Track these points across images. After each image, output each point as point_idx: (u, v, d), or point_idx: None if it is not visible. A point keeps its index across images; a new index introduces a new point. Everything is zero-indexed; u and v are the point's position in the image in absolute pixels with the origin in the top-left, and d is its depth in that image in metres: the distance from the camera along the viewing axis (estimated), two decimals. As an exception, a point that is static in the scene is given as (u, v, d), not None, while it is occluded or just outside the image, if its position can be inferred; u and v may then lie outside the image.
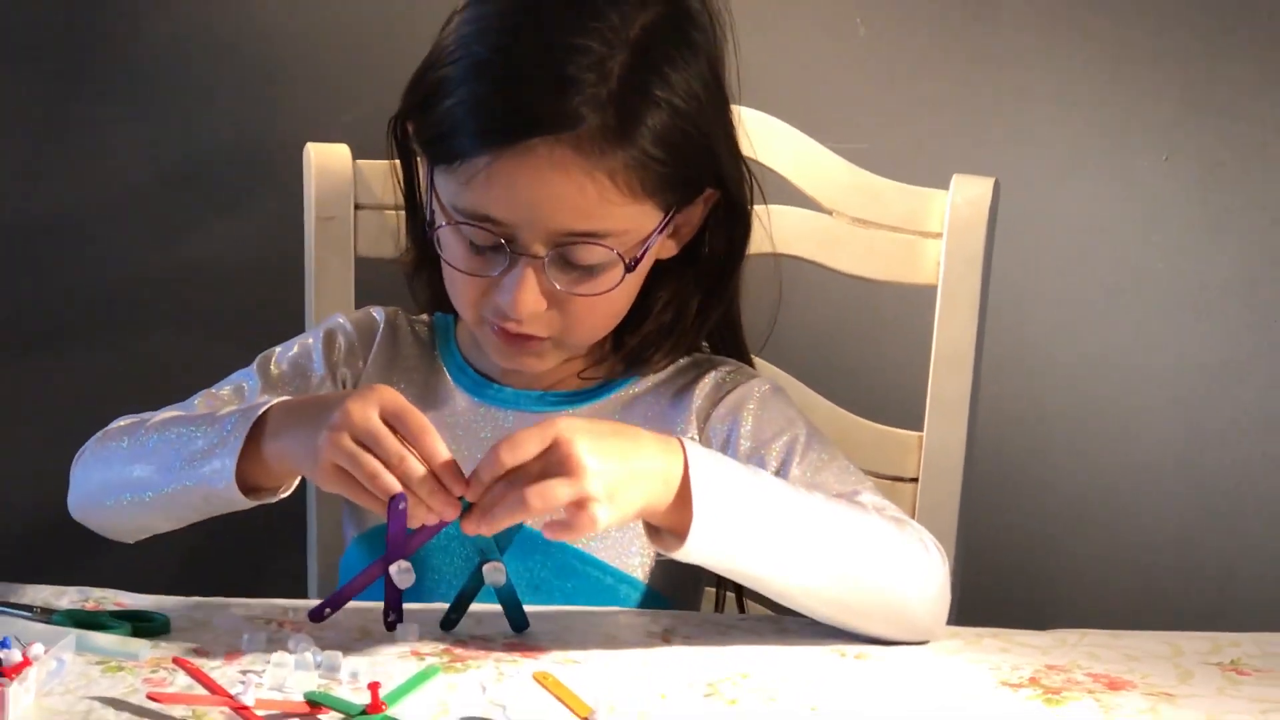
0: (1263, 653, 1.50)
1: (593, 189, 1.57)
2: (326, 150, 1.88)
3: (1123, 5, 2.17)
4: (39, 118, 2.24)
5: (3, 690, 1.30)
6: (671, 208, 1.64)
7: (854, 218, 1.86)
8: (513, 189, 1.57)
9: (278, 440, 1.51)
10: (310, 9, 2.19)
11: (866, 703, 1.39)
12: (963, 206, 1.83)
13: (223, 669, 1.40)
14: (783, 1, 2.17)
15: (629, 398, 1.71)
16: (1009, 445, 2.19)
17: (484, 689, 1.38)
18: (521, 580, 1.62)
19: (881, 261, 1.86)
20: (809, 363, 1.92)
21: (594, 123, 1.55)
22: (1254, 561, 2.25)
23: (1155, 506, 2.25)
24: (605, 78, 1.56)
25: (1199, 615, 2.04)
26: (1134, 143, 2.20)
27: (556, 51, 1.57)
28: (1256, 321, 2.22)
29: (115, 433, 1.65)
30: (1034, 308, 2.20)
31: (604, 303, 1.63)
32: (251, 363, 1.75)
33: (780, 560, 1.49)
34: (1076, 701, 1.39)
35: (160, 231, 2.25)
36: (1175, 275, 2.22)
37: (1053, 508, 2.25)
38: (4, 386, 2.28)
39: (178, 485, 1.55)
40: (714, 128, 1.65)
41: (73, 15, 2.22)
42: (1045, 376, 2.23)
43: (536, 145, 1.55)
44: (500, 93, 1.58)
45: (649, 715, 1.34)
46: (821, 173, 1.87)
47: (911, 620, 1.52)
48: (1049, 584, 2.24)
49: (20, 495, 2.27)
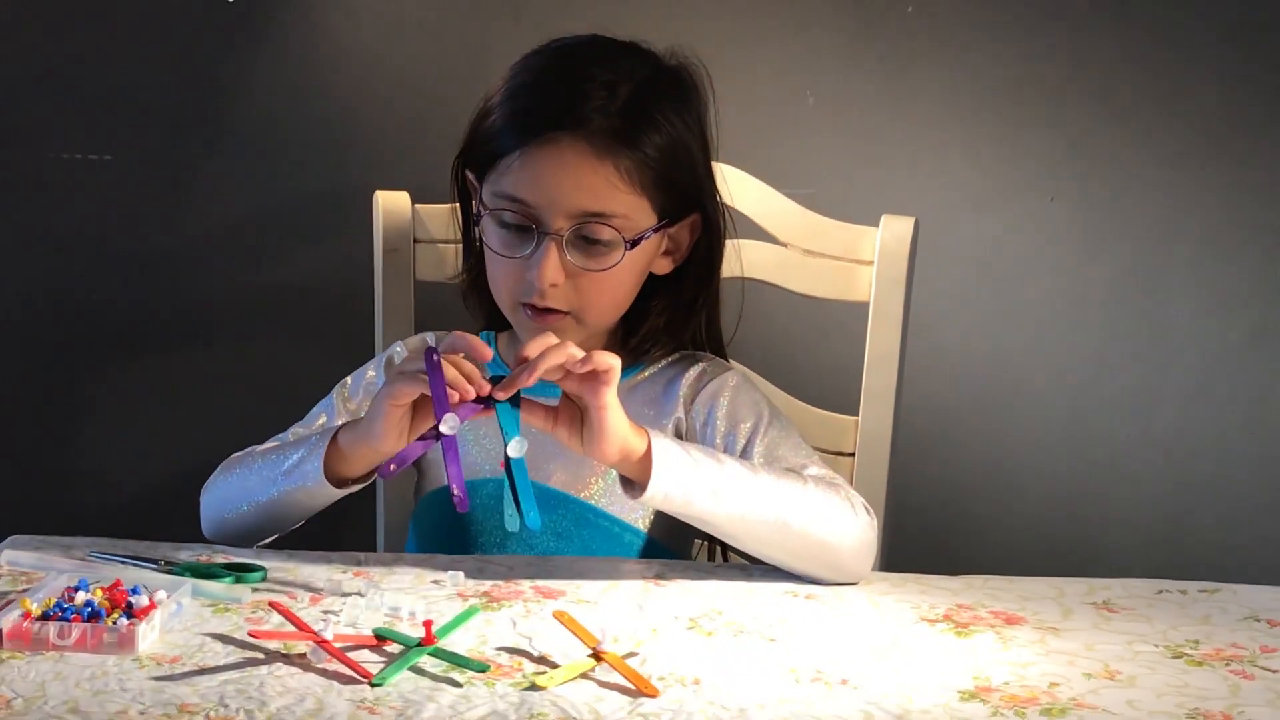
0: (1128, 594, 1.49)
1: (601, 176, 1.58)
2: (391, 196, 1.88)
3: (1015, 75, 2.16)
4: (162, 166, 2.23)
5: (134, 628, 1.30)
6: (664, 215, 1.64)
7: (804, 249, 1.86)
8: (538, 174, 1.59)
9: (349, 433, 1.53)
10: (378, 82, 2.18)
11: (814, 634, 1.39)
12: (889, 240, 1.83)
13: (308, 609, 1.40)
14: (749, 79, 2.17)
15: (632, 385, 1.70)
16: (927, 427, 2.19)
17: (514, 624, 1.39)
18: (549, 529, 1.63)
19: (825, 283, 1.86)
20: (770, 362, 1.92)
21: (602, 125, 1.58)
22: (1122, 520, 2.25)
23: (1043, 475, 2.24)
24: (614, 96, 1.59)
25: (1078, 564, 2.04)
26: (1025, 187, 2.20)
27: (577, 75, 1.61)
28: (1121, 328, 2.22)
29: (230, 463, 1.65)
30: (946, 319, 2.20)
31: (610, 282, 1.63)
32: (330, 390, 1.75)
33: (722, 510, 1.50)
34: (981, 634, 1.39)
35: (257, 259, 2.24)
36: (1059, 292, 2.21)
37: (962, 476, 2.24)
38: (136, 381, 2.28)
39: (280, 490, 1.57)
40: (699, 162, 1.66)
41: (190, 86, 2.22)
42: (955, 372, 2.22)
43: (558, 138, 1.58)
44: (531, 102, 1.61)
45: (643, 645, 1.34)
46: (778, 214, 1.87)
47: (838, 564, 1.53)
48: (960, 538, 2.24)
49: (150, 470, 2.27)
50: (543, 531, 1.61)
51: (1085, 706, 1.24)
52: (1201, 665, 1.32)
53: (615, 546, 1.65)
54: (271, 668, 1.28)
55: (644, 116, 1.60)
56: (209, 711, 1.19)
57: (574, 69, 1.62)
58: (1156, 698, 1.26)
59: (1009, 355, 2.22)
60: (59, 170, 2.23)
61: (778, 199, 1.87)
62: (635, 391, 1.70)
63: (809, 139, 2.19)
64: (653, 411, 1.68)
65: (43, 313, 2.27)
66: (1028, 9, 2.16)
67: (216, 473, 1.65)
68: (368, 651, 1.31)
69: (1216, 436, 2.22)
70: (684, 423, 1.68)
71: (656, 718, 1.20)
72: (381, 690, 1.24)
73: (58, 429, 2.29)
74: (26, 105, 2.23)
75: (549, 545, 1.63)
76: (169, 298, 2.26)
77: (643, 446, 1.48)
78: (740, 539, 1.54)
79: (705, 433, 1.66)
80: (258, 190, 2.24)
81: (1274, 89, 2.15)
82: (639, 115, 1.60)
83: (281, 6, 2.20)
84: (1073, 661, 1.33)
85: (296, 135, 2.21)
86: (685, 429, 1.68)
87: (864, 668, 1.31)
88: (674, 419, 1.67)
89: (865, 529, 1.55)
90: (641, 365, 1.72)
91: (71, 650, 1.30)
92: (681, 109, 1.64)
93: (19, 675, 1.25)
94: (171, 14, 2.19)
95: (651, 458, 1.47)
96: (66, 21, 2.21)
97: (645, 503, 1.49)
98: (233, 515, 1.61)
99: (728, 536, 1.55)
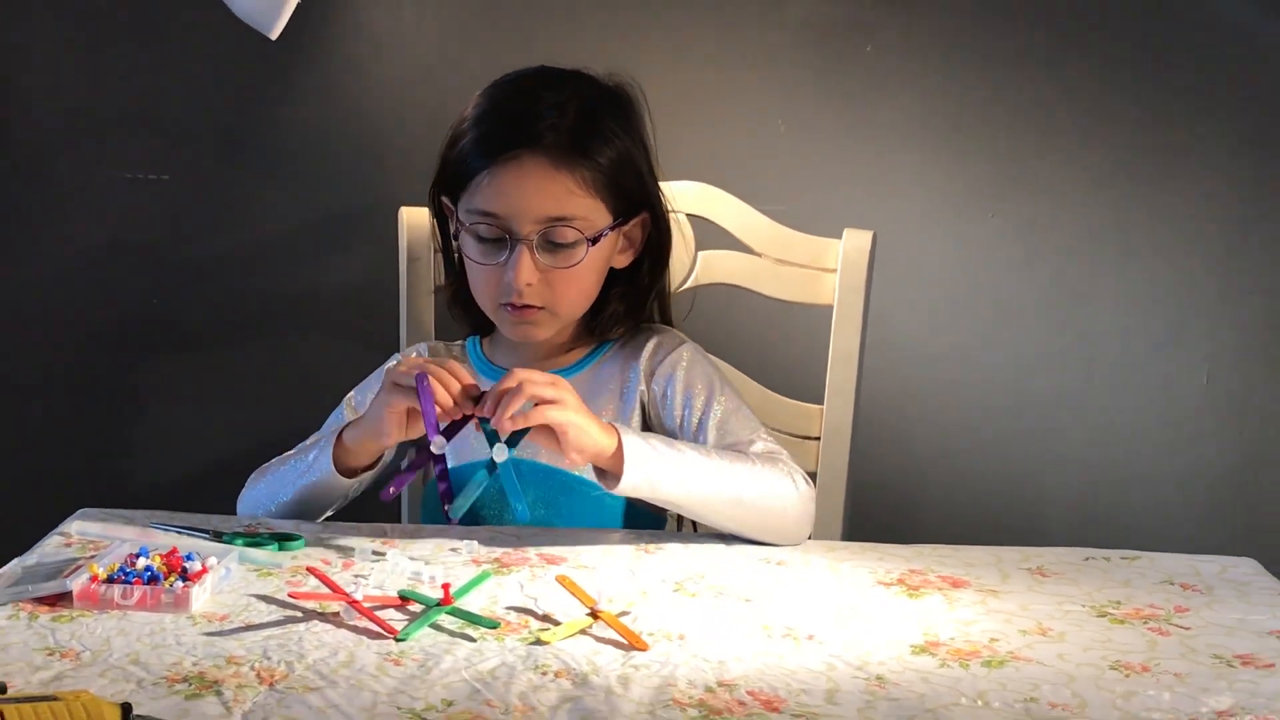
0: (1059, 561, 1.50)
1: (561, 184, 1.59)
2: (413, 211, 1.87)
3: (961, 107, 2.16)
4: (212, 185, 2.23)
5: (188, 590, 1.30)
6: (618, 215, 1.65)
7: (775, 258, 1.86)
8: (505, 188, 1.59)
9: (353, 430, 1.57)
10: (402, 109, 2.18)
11: (785, 596, 1.39)
12: (851, 251, 1.82)
13: (341, 574, 1.41)
14: (728, 109, 2.17)
15: (596, 366, 1.71)
16: (884, 416, 2.19)
17: (522, 587, 1.39)
18: (540, 500, 1.63)
19: (794, 289, 1.86)
20: (745, 358, 1.92)
21: (557, 140, 1.59)
22: (1054, 496, 2.25)
23: (986, 457, 2.24)
24: (564, 115, 1.60)
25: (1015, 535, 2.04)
26: (970, 204, 2.20)
27: (530, 99, 1.62)
28: (1054, 329, 2.22)
29: (257, 474, 1.67)
30: (901, 320, 2.20)
31: (577, 278, 1.64)
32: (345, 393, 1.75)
33: (683, 492, 1.52)
34: (930, 595, 1.39)
35: (295, 266, 2.24)
36: (998, 297, 2.21)
37: (914, 458, 2.24)
38: (189, 375, 2.27)
39: (301, 484, 1.60)
40: (643, 167, 1.67)
41: (237, 114, 2.22)
42: (909, 368, 2.22)
43: (519, 154, 1.59)
44: (493, 128, 1.61)
45: (635, 605, 1.34)
46: (753, 227, 1.87)
47: (783, 531, 1.55)
48: (911, 511, 2.23)
49: (202, 452, 2.26)
50: (534, 501, 1.62)
51: (1021, 659, 1.24)
52: (1123, 623, 1.33)
53: (597, 508, 1.66)
54: (309, 625, 1.28)
55: (593, 130, 1.61)
56: (254, 663, 1.19)
57: (526, 94, 1.63)
58: (1083, 651, 1.26)
59: (956, 352, 2.22)
60: (122, 188, 2.22)
61: (752, 214, 1.87)
62: (601, 369, 1.71)
63: (780, 162, 2.19)
64: (616, 386, 1.69)
65: (106, 315, 2.26)
66: (973, 51, 2.16)
67: (252, 477, 1.67)
68: (393, 611, 1.32)
69: (1136, 424, 2.23)
70: (646, 394, 1.69)
71: (646, 668, 1.21)
72: (405, 644, 1.24)
73: (121, 416, 2.29)
74: (94, 131, 2.22)
75: (539, 514, 1.63)
76: (218, 301, 2.25)
77: (613, 445, 1.49)
78: (700, 514, 1.56)
79: (665, 403, 1.68)
80: (295, 206, 2.23)
81: (1185, 120, 2.16)
82: (588, 129, 1.61)
83: (318, 44, 2.19)
84: (1010, 620, 1.33)
85: (330, 157, 2.21)
86: (648, 399, 1.69)
87: (828, 625, 1.31)
88: (639, 391, 1.69)
89: (805, 500, 1.57)
90: (607, 345, 1.73)
91: (133, 609, 1.30)
92: (624, 123, 1.66)
93: (87, 631, 1.25)
94: (220, 50, 2.18)
95: (623, 454, 1.48)
96: (129, 57, 2.21)
97: (619, 492, 1.51)
98: (262, 514, 1.62)
99: (689, 513, 1.57)
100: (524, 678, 1.18)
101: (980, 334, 2.22)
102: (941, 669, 1.22)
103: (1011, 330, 2.22)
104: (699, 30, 2.17)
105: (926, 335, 2.23)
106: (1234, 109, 2.16)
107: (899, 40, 2.16)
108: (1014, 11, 2.15)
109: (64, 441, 2.29)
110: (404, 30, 2.20)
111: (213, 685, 1.15)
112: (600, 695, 1.15)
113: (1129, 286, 2.21)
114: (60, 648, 1.21)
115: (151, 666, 1.18)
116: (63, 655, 1.20)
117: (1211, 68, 2.15)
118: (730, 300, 1.92)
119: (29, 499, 2.25)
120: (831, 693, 1.17)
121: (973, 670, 1.21)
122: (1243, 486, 2.24)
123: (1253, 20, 2.15)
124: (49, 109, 2.23)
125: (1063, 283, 2.21)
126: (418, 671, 1.19)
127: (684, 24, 2.17)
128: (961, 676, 1.20)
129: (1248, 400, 2.23)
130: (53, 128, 2.23)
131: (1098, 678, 1.20)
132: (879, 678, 1.20)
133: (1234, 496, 2.24)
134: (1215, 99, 2.16)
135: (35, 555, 1.43)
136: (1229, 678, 1.20)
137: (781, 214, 1.88)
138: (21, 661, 1.19)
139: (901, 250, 2.15)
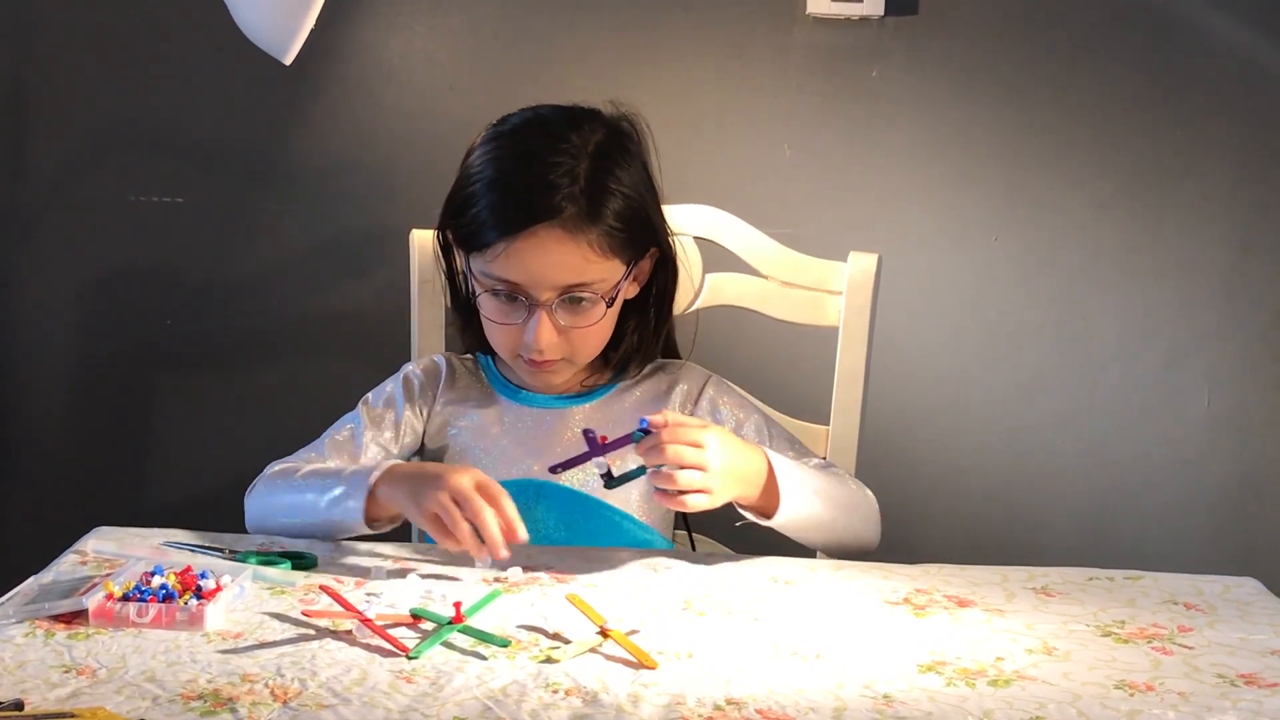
0: (1064, 580, 1.49)
1: (577, 254, 1.58)
2: (424, 234, 1.87)
3: (964, 132, 2.17)
4: (228, 208, 2.24)
5: (203, 607, 1.30)
6: (631, 262, 1.64)
7: (782, 281, 1.86)
8: (524, 261, 1.58)
9: (390, 489, 1.50)
10: (414, 137, 2.19)
11: (792, 614, 1.38)
12: (856, 274, 1.82)
13: (354, 592, 1.40)
14: (735, 134, 2.17)
15: (613, 397, 1.71)
16: (889, 435, 2.19)
17: (532, 605, 1.38)
18: (561, 522, 1.62)
19: (801, 310, 1.86)
20: (752, 378, 1.91)
21: (572, 210, 1.57)
22: (1057, 516, 2.24)
23: (989, 477, 2.24)
24: (575, 180, 1.57)
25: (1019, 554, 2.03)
26: (974, 227, 2.20)
27: (539, 167, 1.58)
28: (1055, 350, 2.22)
29: (274, 475, 1.62)
30: (906, 341, 2.20)
31: (594, 332, 1.64)
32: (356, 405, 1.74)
33: (815, 519, 1.56)
34: (936, 614, 1.39)
35: (310, 288, 2.24)
36: (1001, 319, 2.21)
37: (919, 478, 2.24)
38: (205, 395, 2.28)
39: (324, 518, 1.55)
40: (650, 207, 1.66)
41: (252, 139, 2.22)
42: (914, 388, 2.22)
43: (537, 230, 1.57)
44: (508, 200, 1.58)
45: (644, 624, 1.34)
46: (760, 250, 1.87)
47: (873, 538, 1.63)
48: (917, 531, 2.23)
49: (217, 471, 2.26)
50: (555, 524, 1.61)
51: (1026, 678, 1.23)
52: (1127, 642, 1.32)
53: (616, 531, 1.66)
54: (322, 642, 1.27)
55: (604, 190, 1.59)
56: (267, 680, 1.19)
57: (536, 160, 1.59)
58: (1088, 670, 1.25)
59: (960, 373, 2.22)
60: (138, 211, 2.23)
61: (759, 237, 1.87)
62: (623, 397, 1.71)
63: (786, 185, 2.19)
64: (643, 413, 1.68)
65: (122, 336, 2.27)
66: (976, 77, 2.16)
67: (262, 483, 1.63)
68: (405, 629, 1.31)
69: (1139, 445, 2.22)
70: None
71: (656, 686, 1.20)
72: (417, 662, 1.24)
73: (138, 437, 2.29)
74: (111, 154, 2.23)
75: (560, 536, 1.62)
76: (233, 322, 2.26)
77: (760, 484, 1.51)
78: (814, 531, 1.58)
79: None
80: (310, 229, 2.24)
81: (1186, 145, 2.16)
82: (600, 190, 1.58)
83: (332, 70, 2.20)
84: (1015, 639, 1.32)
85: (342, 180, 2.21)
86: None
87: (836, 644, 1.30)
88: None
89: (876, 507, 1.64)
90: (625, 378, 1.73)
91: (148, 627, 1.29)
92: (630, 164, 1.63)
93: (103, 649, 1.25)
94: (235, 76, 2.19)
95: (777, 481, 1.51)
96: (145, 82, 2.22)
97: (774, 525, 1.53)
98: (274, 525, 1.59)
99: (806, 530, 1.57)
100: (535, 696, 1.17)
101: (984, 355, 2.22)
102: (948, 688, 1.21)
103: (1015, 352, 2.22)
104: (705, 56, 2.17)
105: (931, 356, 2.22)
106: (1235, 135, 2.16)
107: (904, 65, 2.16)
108: (1018, 38, 2.16)
109: (80, 461, 2.29)
110: (416, 56, 2.20)
111: (227, 702, 1.14)
112: (610, 713, 1.14)
113: (1131, 309, 2.21)
114: (77, 665, 1.21)
115: (167, 684, 1.18)
116: (79, 672, 1.20)
117: (1213, 94, 2.16)
118: (737, 322, 1.91)
119: (45, 517, 2.25)
120: (839, 711, 1.16)
121: (979, 689, 1.21)
122: (1244, 507, 2.23)
123: (1253, 48, 2.15)
124: (66, 132, 2.24)
125: (1065, 305, 2.21)
126: (429, 689, 1.18)
127: (691, 50, 2.17)
128: (968, 695, 1.19)
129: (1249, 421, 2.22)
130: (70, 151, 2.24)
131: (1103, 697, 1.20)
132: (886, 696, 1.19)
133: (1236, 517, 2.23)
134: (1217, 124, 2.16)
135: (52, 573, 1.42)
136: (1233, 697, 1.20)
137: (787, 237, 1.88)
138: (39, 678, 1.18)
139: (906, 273, 2.15)
